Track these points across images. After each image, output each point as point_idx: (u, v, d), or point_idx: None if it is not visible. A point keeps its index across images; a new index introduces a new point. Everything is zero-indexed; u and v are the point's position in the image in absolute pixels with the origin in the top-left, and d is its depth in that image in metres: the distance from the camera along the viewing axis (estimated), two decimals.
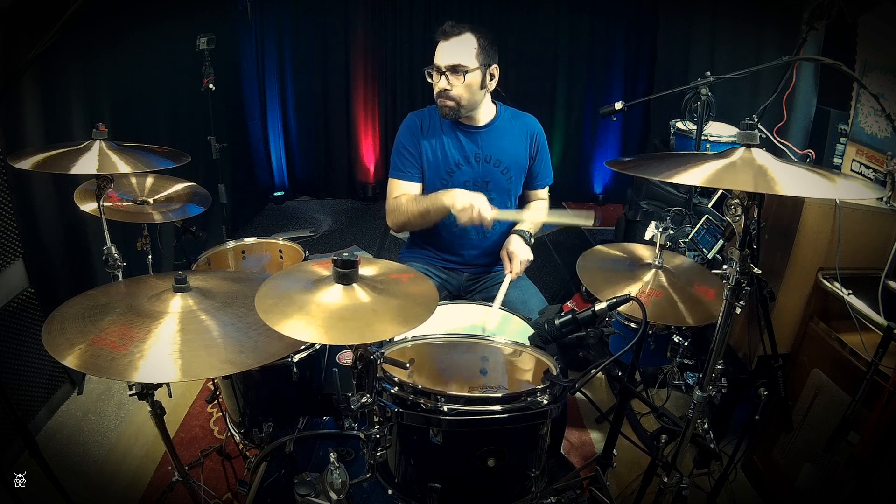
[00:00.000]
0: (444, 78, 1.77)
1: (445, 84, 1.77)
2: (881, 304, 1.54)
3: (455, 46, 1.75)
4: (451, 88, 1.77)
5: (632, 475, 1.92)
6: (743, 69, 1.85)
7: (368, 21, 4.58)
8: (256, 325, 1.07)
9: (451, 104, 1.80)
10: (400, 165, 1.91)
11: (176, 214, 1.75)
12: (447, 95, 1.79)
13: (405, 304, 1.07)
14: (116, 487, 1.95)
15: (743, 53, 3.07)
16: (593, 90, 4.79)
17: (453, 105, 1.80)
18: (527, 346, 1.35)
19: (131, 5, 2.66)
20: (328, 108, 4.81)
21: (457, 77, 1.76)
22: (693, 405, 1.22)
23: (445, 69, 1.76)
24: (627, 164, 1.18)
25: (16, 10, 1.90)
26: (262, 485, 1.63)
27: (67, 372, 2.32)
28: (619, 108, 2.00)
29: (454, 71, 1.75)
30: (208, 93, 3.19)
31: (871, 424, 1.41)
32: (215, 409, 2.30)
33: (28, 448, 1.35)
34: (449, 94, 1.78)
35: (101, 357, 0.97)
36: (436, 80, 1.79)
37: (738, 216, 1.02)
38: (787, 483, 1.78)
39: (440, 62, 1.76)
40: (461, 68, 1.74)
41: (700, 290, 1.50)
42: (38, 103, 2.13)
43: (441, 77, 1.77)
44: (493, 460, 1.17)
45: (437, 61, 1.77)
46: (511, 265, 1.79)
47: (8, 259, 2.02)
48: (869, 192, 1.02)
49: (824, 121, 2.36)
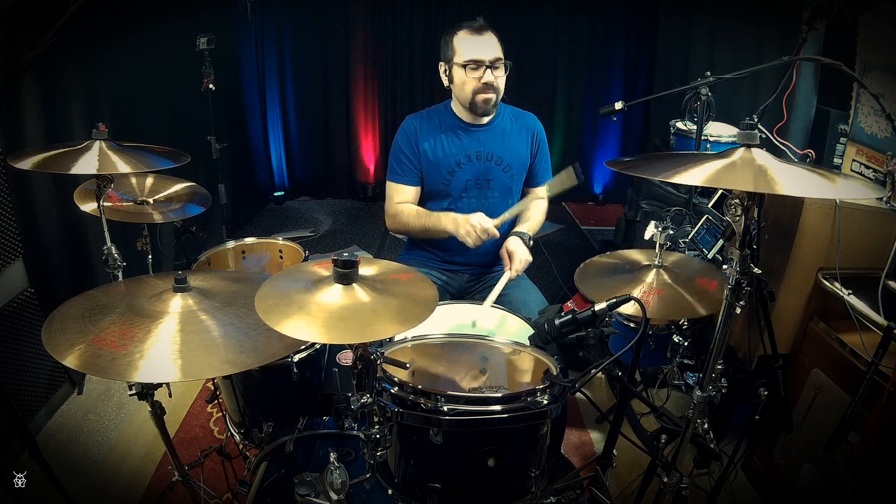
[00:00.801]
0: (488, 71, 1.78)
1: (491, 77, 1.79)
2: (881, 304, 1.54)
3: (491, 40, 1.79)
4: (496, 80, 1.80)
5: (632, 475, 1.92)
6: (743, 69, 1.85)
7: (368, 21, 4.58)
8: (256, 325, 1.06)
9: (494, 97, 1.83)
10: (398, 169, 1.92)
11: (176, 214, 1.75)
12: (492, 88, 1.81)
13: (405, 303, 1.07)
14: (116, 487, 1.95)
15: (743, 53, 3.07)
16: (593, 90, 4.79)
17: (495, 98, 1.83)
18: (527, 345, 1.35)
19: (131, 5, 2.66)
20: (328, 108, 4.81)
21: (498, 70, 1.80)
22: (693, 405, 1.22)
23: (490, 62, 1.77)
24: (627, 164, 1.18)
25: (16, 10, 1.90)
26: (262, 485, 1.63)
27: (67, 372, 2.32)
28: (619, 108, 2.00)
29: (495, 64, 1.78)
30: (208, 93, 3.19)
31: (871, 424, 1.41)
32: (215, 409, 2.30)
33: (28, 448, 1.35)
34: (494, 86, 1.80)
35: (101, 357, 0.97)
36: (474, 74, 1.79)
37: (738, 216, 1.01)
38: (787, 483, 1.78)
39: (483, 56, 1.77)
40: (500, 61, 1.79)
41: (703, 282, 1.51)
42: (38, 103, 2.13)
43: (486, 70, 1.78)
44: (493, 460, 1.17)
45: (477, 55, 1.78)
46: (511, 263, 1.80)
47: (8, 259, 2.02)
48: (869, 192, 1.02)
49: (824, 121, 2.36)
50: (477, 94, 1.81)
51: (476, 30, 1.79)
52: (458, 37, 1.80)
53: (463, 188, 1.91)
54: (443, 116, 1.92)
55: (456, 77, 1.83)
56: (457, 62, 1.80)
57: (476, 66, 1.78)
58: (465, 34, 1.80)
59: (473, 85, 1.80)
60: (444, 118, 1.91)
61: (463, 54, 1.79)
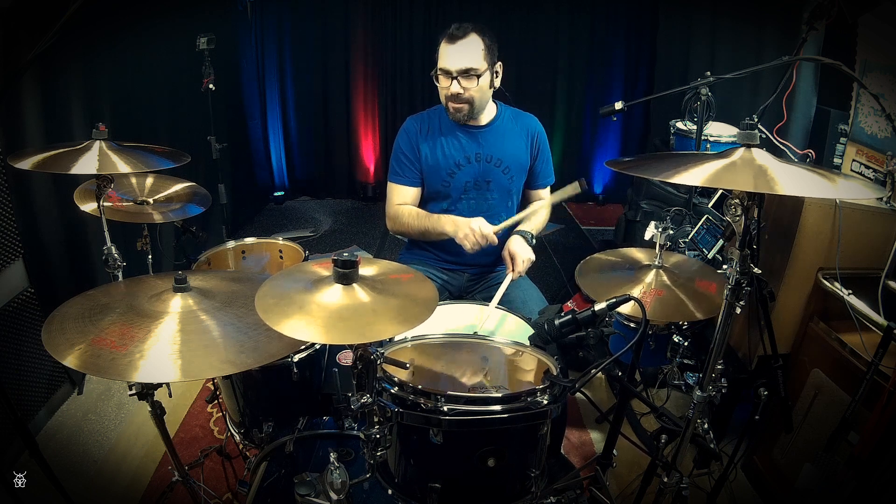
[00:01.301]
0: (455, 82, 1.75)
1: (458, 88, 1.75)
2: (881, 304, 1.54)
3: (464, 49, 1.73)
4: (465, 92, 1.76)
5: (632, 475, 1.92)
6: (743, 69, 1.85)
7: (368, 21, 4.58)
8: (256, 325, 1.06)
9: (465, 107, 1.80)
10: (398, 170, 1.92)
11: (176, 214, 1.75)
12: (461, 99, 1.78)
13: (405, 303, 1.07)
14: (116, 487, 1.95)
15: (743, 53, 3.07)
16: (593, 90, 4.79)
17: (467, 108, 1.80)
18: (527, 346, 1.35)
19: (131, 5, 2.66)
20: (328, 108, 4.81)
21: (469, 80, 1.75)
22: (693, 405, 1.22)
23: (457, 73, 1.74)
24: (627, 164, 1.18)
25: (16, 10, 1.90)
26: (262, 485, 1.63)
27: (67, 372, 2.32)
28: (619, 108, 2.00)
29: (466, 74, 1.74)
30: (208, 93, 3.19)
31: (871, 424, 1.41)
32: (215, 409, 2.30)
33: (28, 448, 1.35)
34: (462, 97, 1.77)
35: (101, 357, 0.97)
36: (445, 83, 1.77)
37: (738, 216, 1.01)
38: (787, 483, 1.78)
39: (450, 66, 1.73)
40: (473, 71, 1.73)
41: (702, 284, 1.51)
42: (38, 103, 2.13)
43: (452, 81, 1.75)
44: (493, 460, 1.17)
45: (446, 65, 1.74)
46: (514, 265, 1.79)
47: (8, 259, 2.02)
48: (869, 192, 1.02)
49: (824, 121, 2.36)
50: (448, 103, 1.81)
51: (449, 38, 1.74)
52: (441, 43, 1.77)
53: (462, 190, 1.91)
54: (443, 118, 1.92)
55: (438, 83, 1.81)
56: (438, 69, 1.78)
57: (445, 74, 1.76)
58: (443, 42, 1.76)
59: (444, 93, 1.79)
60: (443, 119, 1.91)
61: (439, 62, 1.76)
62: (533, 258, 1.82)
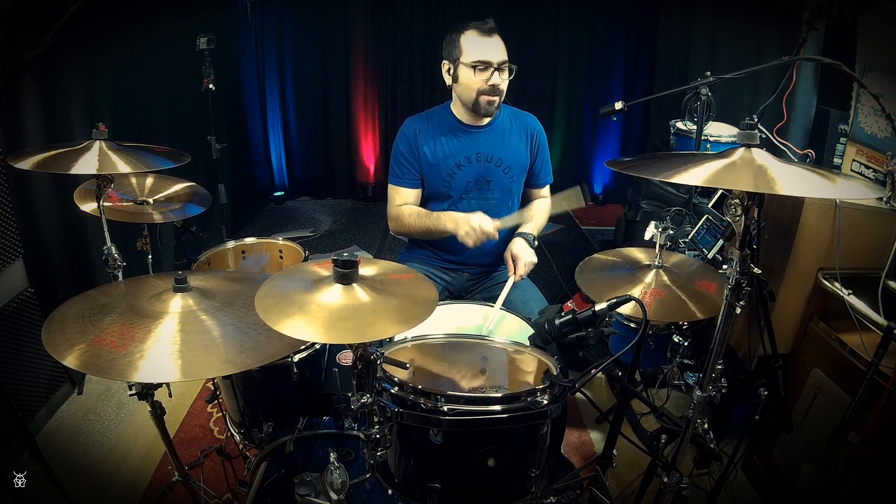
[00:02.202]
0: (496, 74, 1.76)
1: (498, 79, 1.76)
2: (881, 304, 1.54)
3: (499, 43, 1.76)
4: (501, 83, 1.78)
5: (632, 475, 1.92)
6: (743, 69, 1.85)
7: (368, 21, 4.58)
8: (256, 325, 1.06)
9: (498, 99, 1.81)
10: (398, 172, 1.92)
11: (176, 214, 1.75)
12: (497, 91, 1.78)
13: (405, 303, 1.07)
14: (116, 487, 1.95)
15: (743, 53, 3.07)
16: (593, 90, 4.79)
17: (499, 100, 1.81)
18: (527, 346, 1.35)
19: (131, 5, 2.66)
20: (328, 108, 4.81)
21: (504, 73, 1.77)
22: (693, 405, 1.22)
23: (498, 64, 1.75)
24: (627, 164, 1.18)
25: (16, 10, 1.90)
26: (262, 485, 1.63)
27: (67, 372, 2.32)
28: (619, 108, 2.00)
29: (501, 67, 1.76)
30: (208, 93, 3.19)
31: (871, 424, 1.41)
32: (215, 409, 2.30)
33: (28, 448, 1.35)
34: (499, 89, 1.78)
35: (101, 357, 0.97)
36: (484, 75, 1.76)
37: (738, 216, 1.01)
38: (787, 483, 1.77)
39: (492, 58, 1.74)
40: (506, 64, 1.76)
41: (702, 284, 1.51)
42: (38, 103, 2.13)
43: (493, 72, 1.75)
44: (493, 460, 1.17)
45: (486, 56, 1.74)
46: (515, 268, 1.79)
47: (8, 259, 2.02)
48: (869, 192, 1.02)
49: (824, 121, 2.36)
50: (481, 96, 1.79)
51: (486, 31, 1.76)
52: (465, 36, 1.77)
53: (463, 189, 1.91)
54: (442, 118, 1.92)
55: (461, 76, 1.80)
56: (464, 62, 1.77)
57: (484, 67, 1.75)
58: (475, 34, 1.76)
59: (479, 86, 1.78)
60: (443, 120, 1.91)
61: (471, 54, 1.76)
62: (535, 261, 1.82)
